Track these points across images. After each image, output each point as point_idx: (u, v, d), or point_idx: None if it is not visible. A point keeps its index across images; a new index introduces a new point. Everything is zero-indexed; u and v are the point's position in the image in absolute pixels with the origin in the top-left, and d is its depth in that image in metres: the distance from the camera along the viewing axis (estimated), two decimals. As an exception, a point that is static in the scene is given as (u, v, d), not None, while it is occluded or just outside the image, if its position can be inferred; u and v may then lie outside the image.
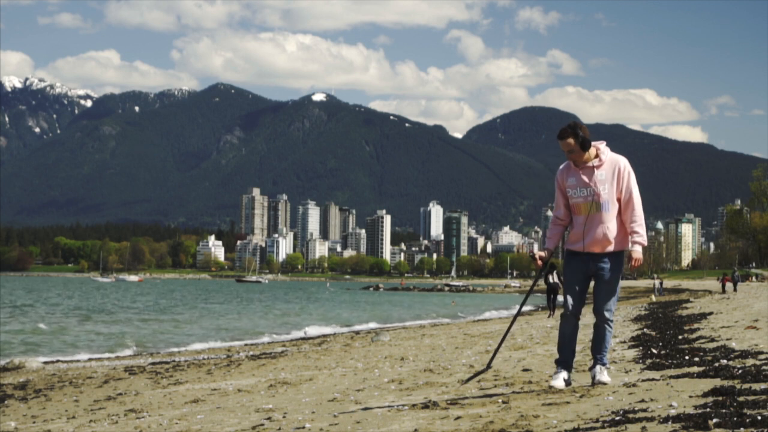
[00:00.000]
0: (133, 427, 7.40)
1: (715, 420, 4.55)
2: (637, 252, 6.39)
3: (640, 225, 6.41)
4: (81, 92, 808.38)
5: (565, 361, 6.61)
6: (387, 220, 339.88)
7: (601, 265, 6.44)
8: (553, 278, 6.73)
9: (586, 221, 6.43)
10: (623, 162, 6.44)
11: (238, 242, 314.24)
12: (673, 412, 5.00)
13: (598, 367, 6.59)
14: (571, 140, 6.39)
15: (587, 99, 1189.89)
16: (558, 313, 6.84)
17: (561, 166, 6.63)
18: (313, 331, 31.83)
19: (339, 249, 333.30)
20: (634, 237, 6.41)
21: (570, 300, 6.54)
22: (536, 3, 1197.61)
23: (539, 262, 6.59)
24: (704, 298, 36.82)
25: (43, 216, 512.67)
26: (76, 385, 13.71)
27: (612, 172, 6.40)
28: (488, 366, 7.00)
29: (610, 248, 6.42)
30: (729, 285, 48.64)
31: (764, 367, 6.65)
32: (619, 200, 6.41)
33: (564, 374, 6.58)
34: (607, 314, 6.51)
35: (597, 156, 6.44)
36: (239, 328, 33.76)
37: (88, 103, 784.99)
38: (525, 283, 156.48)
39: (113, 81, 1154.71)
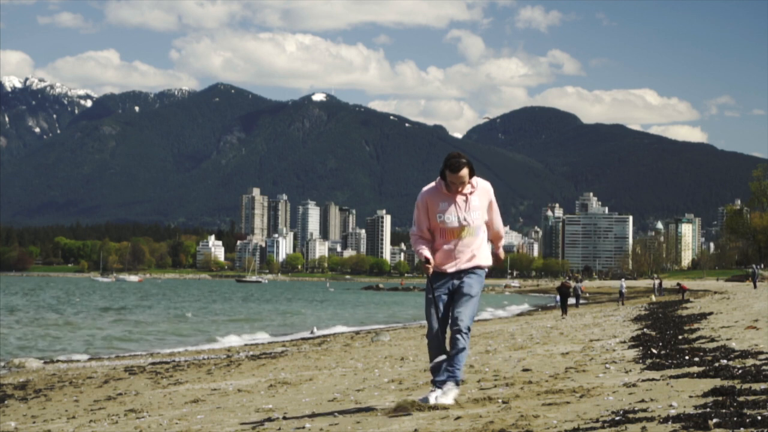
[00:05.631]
0: (133, 427, 7.39)
1: (715, 420, 4.55)
2: (501, 252, 6.89)
3: (501, 242, 6.91)
4: (81, 92, 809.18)
5: (440, 379, 6.28)
6: (387, 220, 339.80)
7: (465, 279, 6.43)
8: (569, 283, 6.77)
9: (459, 245, 6.47)
10: (490, 188, 6.68)
11: (238, 242, 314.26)
12: (673, 412, 5.00)
13: (449, 383, 6.24)
14: (466, 171, 6.43)
15: (587, 99, 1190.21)
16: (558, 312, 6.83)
17: (427, 188, 6.55)
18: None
19: (339, 249, 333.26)
20: (498, 250, 6.85)
21: (435, 320, 6.34)
22: (537, 2, 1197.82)
23: (431, 270, 6.46)
24: (704, 298, 36.85)
25: (43, 216, 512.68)
26: (76, 385, 13.72)
27: (485, 198, 6.57)
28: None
29: (476, 263, 6.47)
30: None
31: (764, 367, 6.64)
32: (487, 224, 6.62)
33: (440, 390, 6.23)
34: (461, 325, 6.28)
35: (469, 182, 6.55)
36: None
37: (88, 103, 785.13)
38: (525, 283, 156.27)
39: (113, 81, 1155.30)
